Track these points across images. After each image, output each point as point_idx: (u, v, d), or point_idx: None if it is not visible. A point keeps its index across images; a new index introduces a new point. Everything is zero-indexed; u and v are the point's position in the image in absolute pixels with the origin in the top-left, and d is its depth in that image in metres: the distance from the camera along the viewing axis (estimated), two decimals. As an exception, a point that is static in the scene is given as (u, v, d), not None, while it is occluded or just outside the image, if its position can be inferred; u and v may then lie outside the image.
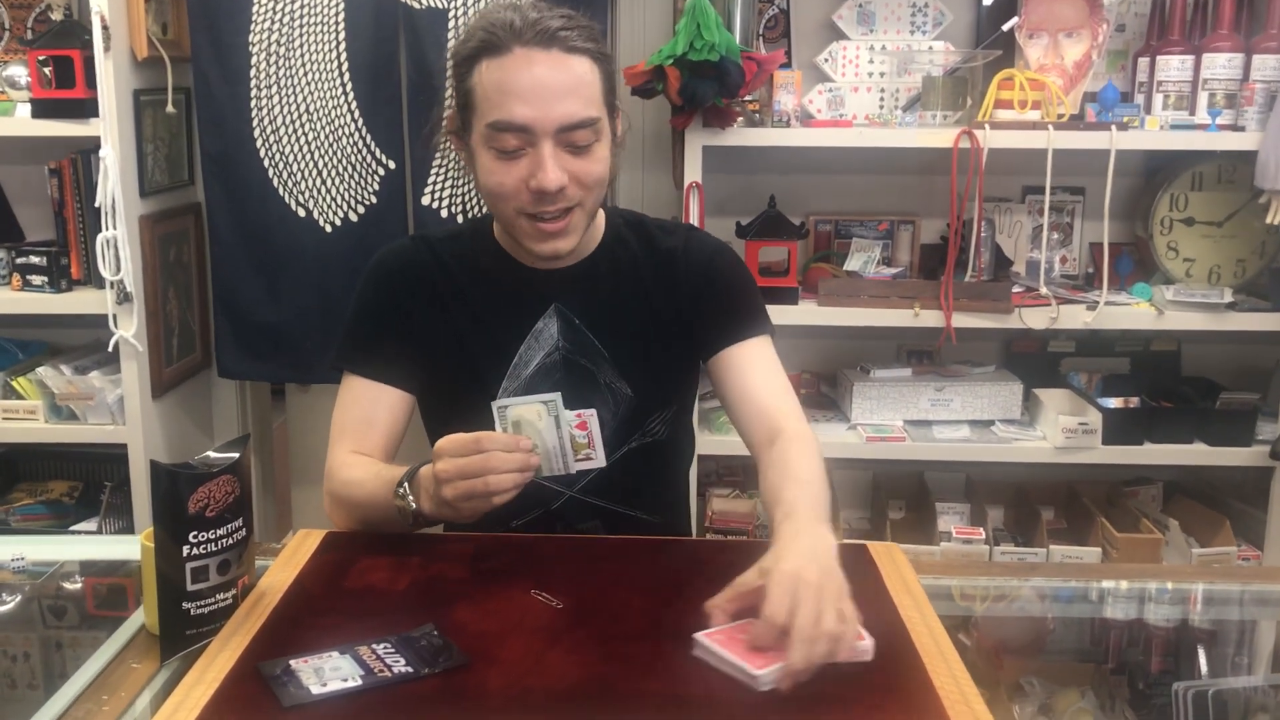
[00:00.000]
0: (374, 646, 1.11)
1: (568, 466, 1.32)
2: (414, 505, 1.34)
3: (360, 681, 1.05)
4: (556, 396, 1.31)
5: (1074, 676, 1.90)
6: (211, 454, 1.25)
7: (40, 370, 2.62)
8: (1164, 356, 2.94)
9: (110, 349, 2.51)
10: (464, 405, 1.53)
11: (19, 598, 1.47)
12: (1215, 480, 2.90)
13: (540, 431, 1.31)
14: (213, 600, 1.20)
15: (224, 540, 1.20)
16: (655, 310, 1.56)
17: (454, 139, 1.50)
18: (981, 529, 2.70)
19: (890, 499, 2.91)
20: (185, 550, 1.17)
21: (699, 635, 1.12)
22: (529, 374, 1.53)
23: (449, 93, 2.41)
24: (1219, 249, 2.75)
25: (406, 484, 1.36)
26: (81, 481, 2.86)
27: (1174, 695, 1.58)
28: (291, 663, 1.08)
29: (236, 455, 1.23)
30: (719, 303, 1.57)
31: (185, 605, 1.19)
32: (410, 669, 1.07)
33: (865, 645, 1.12)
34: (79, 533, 2.69)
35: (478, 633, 1.15)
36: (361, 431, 1.53)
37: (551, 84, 1.37)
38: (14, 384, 2.64)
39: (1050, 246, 2.85)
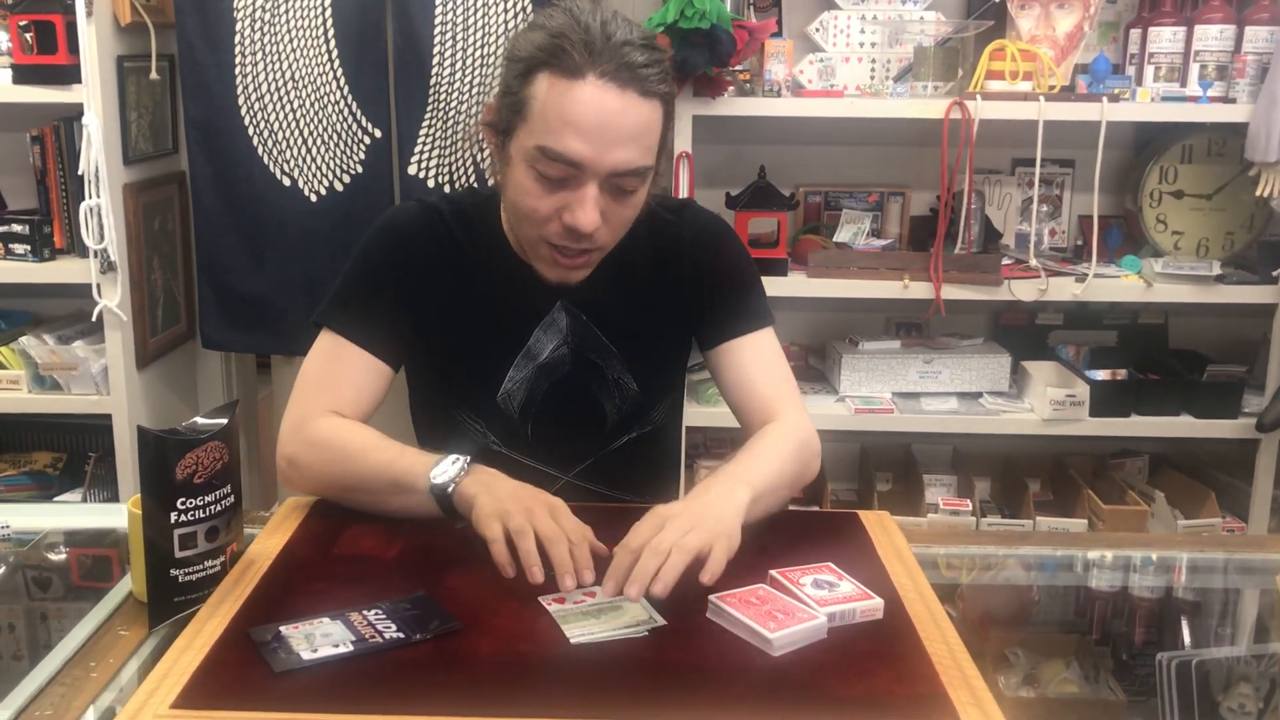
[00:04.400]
0: (365, 612, 1.10)
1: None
2: (462, 475, 1.27)
3: (351, 647, 1.04)
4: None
5: (1058, 647, 1.90)
6: (200, 420, 1.24)
7: (23, 340, 2.59)
8: (1152, 329, 2.95)
9: (94, 319, 2.48)
10: (462, 385, 1.51)
11: (3, 568, 1.45)
12: (1201, 453, 2.91)
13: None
14: (201, 567, 1.19)
15: (212, 507, 1.19)
16: (661, 304, 1.52)
17: (489, 132, 1.40)
18: (968, 500, 2.70)
19: (878, 471, 2.92)
20: (173, 517, 1.16)
21: (713, 597, 1.12)
22: (539, 364, 1.49)
23: (437, 72, 2.40)
24: (1208, 222, 2.75)
25: (466, 461, 1.29)
26: (65, 452, 2.84)
27: (1158, 665, 1.59)
28: (282, 629, 1.07)
29: (225, 421, 1.22)
30: (721, 294, 1.53)
31: (173, 572, 1.18)
32: (402, 635, 1.07)
33: (875, 604, 1.13)
34: (64, 503, 2.67)
35: (470, 599, 1.14)
36: (342, 393, 1.43)
37: (617, 128, 1.28)
38: (-4, 354, 2.61)
39: (1039, 219, 2.85)
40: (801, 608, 1.10)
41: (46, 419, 2.80)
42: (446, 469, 1.28)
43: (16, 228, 2.57)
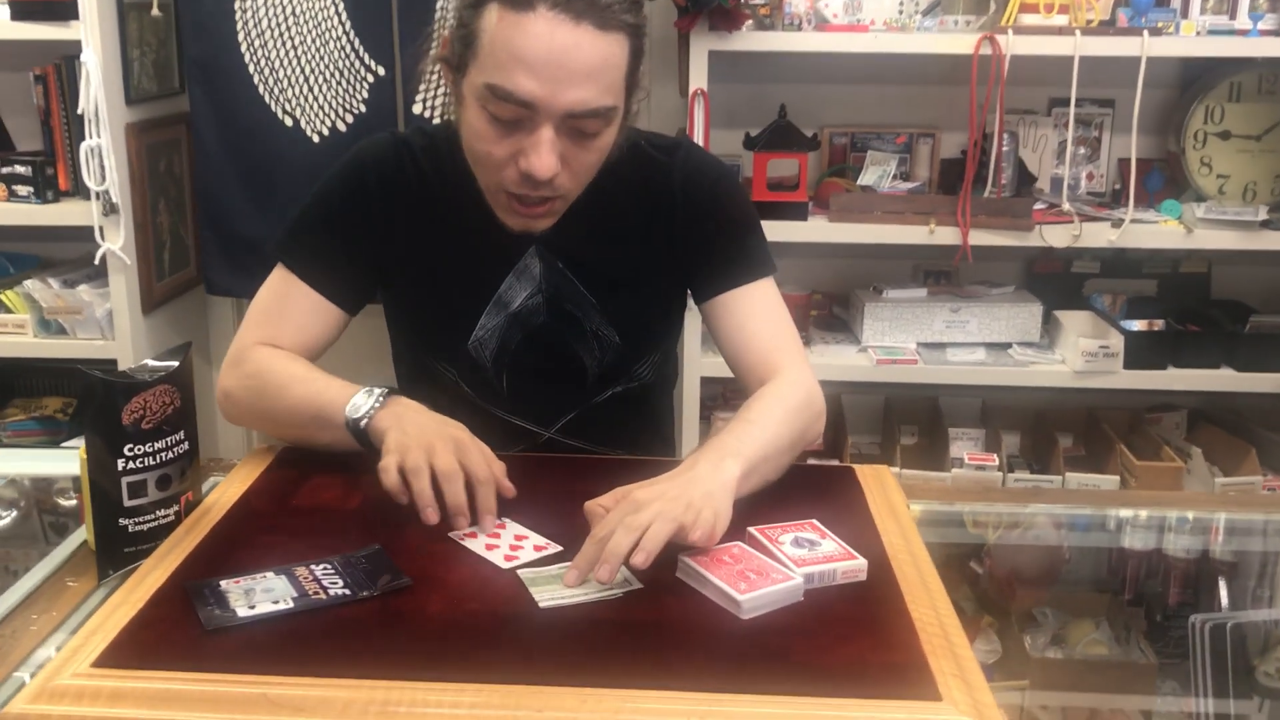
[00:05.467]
0: (313, 567, 1.04)
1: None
2: (376, 408, 1.23)
3: (291, 604, 0.98)
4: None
5: (1088, 607, 1.84)
6: (150, 362, 1.17)
7: (28, 283, 2.56)
8: (1193, 278, 2.81)
9: (97, 262, 2.44)
10: (432, 332, 1.43)
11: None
12: (1242, 407, 2.79)
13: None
14: (152, 517, 1.14)
15: (163, 454, 1.13)
16: (647, 251, 1.42)
17: (445, 68, 1.30)
18: (995, 455, 2.60)
19: (902, 424, 2.82)
20: (120, 464, 1.10)
21: (683, 555, 1.05)
22: (510, 312, 1.41)
23: (443, 6, 2.32)
24: (1255, 164, 2.61)
25: (382, 394, 1.25)
26: (75, 398, 2.81)
27: (1191, 627, 1.53)
28: (221, 583, 1.01)
29: (175, 364, 1.16)
30: (718, 242, 1.42)
31: (122, 521, 1.12)
32: (347, 591, 1.00)
33: (857, 565, 1.05)
34: (69, 448, 2.64)
35: (428, 554, 1.07)
36: (288, 332, 1.38)
37: (571, 64, 1.17)
38: (2, 298, 2.58)
39: (1076, 162, 2.71)
40: (777, 568, 1.02)
41: (55, 364, 2.77)
42: (361, 403, 1.24)
43: (20, 169, 2.53)
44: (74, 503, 1.44)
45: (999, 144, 2.49)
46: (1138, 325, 2.57)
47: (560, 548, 1.10)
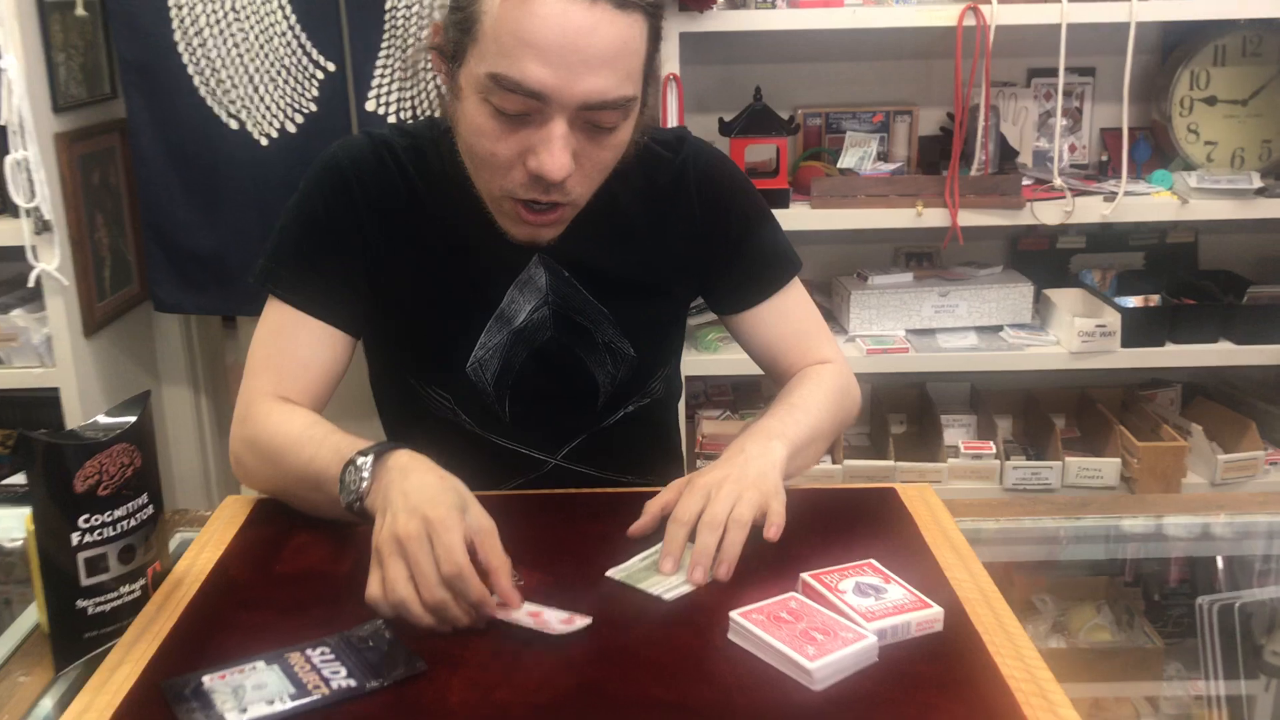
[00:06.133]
0: (308, 652, 0.90)
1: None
2: (364, 485, 1.04)
3: (289, 703, 0.84)
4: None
5: (1087, 591, 1.78)
6: (102, 419, 1.03)
7: (-44, 311, 2.37)
8: (1181, 249, 2.73)
9: (31, 284, 2.26)
10: (424, 355, 1.29)
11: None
12: (1236, 380, 2.72)
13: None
14: (115, 594, 1.00)
15: (124, 522, 0.99)
16: (660, 253, 1.30)
17: (436, 58, 1.16)
18: (991, 442, 2.51)
19: (891, 413, 2.72)
20: (75, 538, 0.96)
21: (735, 614, 0.92)
22: (515, 329, 1.27)
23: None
24: (1243, 130, 2.52)
25: (371, 458, 1.05)
26: (15, 430, 2.62)
27: (1199, 609, 1.47)
28: (204, 680, 0.87)
29: (133, 418, 1.01)
30: (744, 249, 1.32)
31: (80, 603, 0.98)
32: (353, 682, 0.86)
33: (933, 614, 0.93)
34: (11, 487, 2.46)
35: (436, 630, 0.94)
36: (293, 373, 1.23)
37: (587, 48, 1.04)
38: (-72, 326, 2.39)
39: (1057, 135, 2.61)
40: (845, 624, 0.90)
41: (-8, 395, 2.58)
42: (349, 482, 1.05)
43: (-60, 188, 2.33)
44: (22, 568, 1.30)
45: (985, 119, 2.38)
46: (1133, 302, 2.48)
47: (588, 620, 0.94)
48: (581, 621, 0.93)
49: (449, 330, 1.26)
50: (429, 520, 0.95)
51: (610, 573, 1.05)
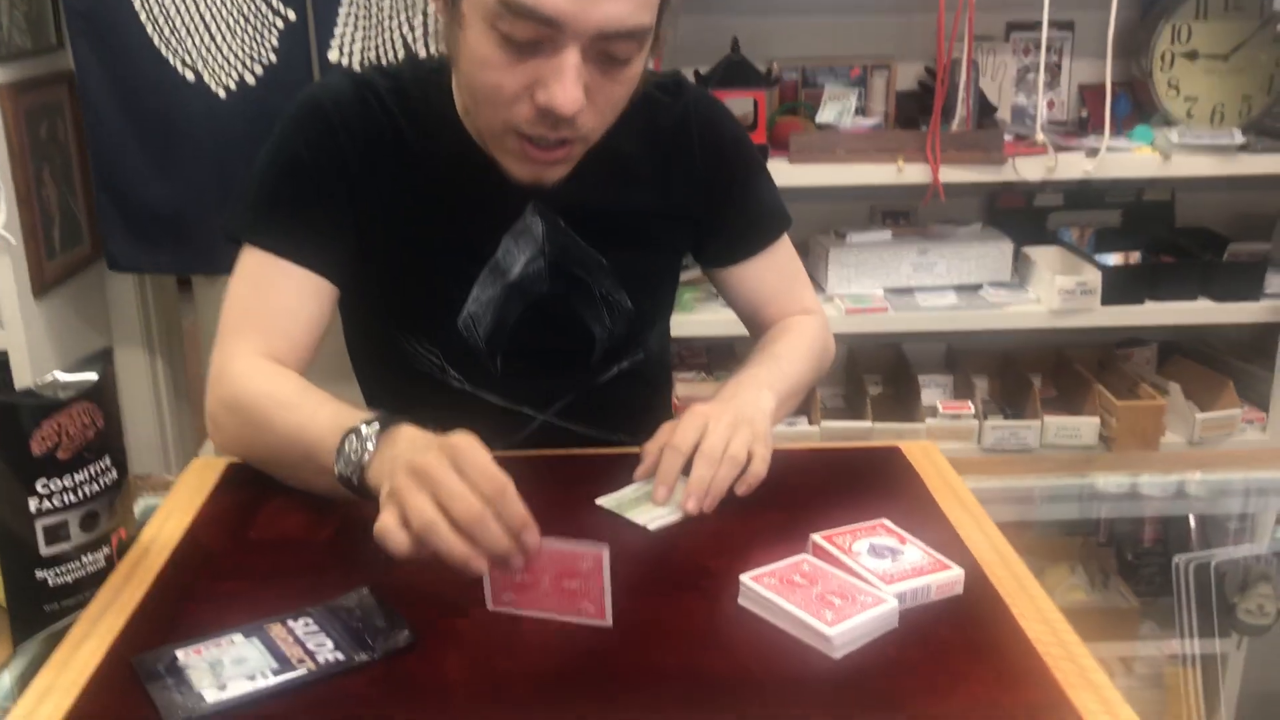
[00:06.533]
0: (290, 624, 0.84)
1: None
2: (367, 456, 0.94)
3: (273, 678, 0.77)
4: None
5: (1061, 552, 1.77)
6: (60, 376, 0.95)
7: (-103, 272, 2.25)
8: (1158, 207, 2.71)
9: (-24, 243, 2.16)
10: (411, 309, 1.21)
11: None
12: (1213, 339, 2.70)
13: None
14: (77, 564, 0.93)
15: (86, 488, 0.92)
16: (659, 202, 1.24)
17: None
18: (969, 402, 2.48)
19: (866, 374, 2.68)
20: (33, 504, 0.89)
21: (745, 578, 0.87)
22: (510, 282, 1.19)
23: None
24: (1224, 85, 2.49)
25: (377, 427, 0.95)
26: (-37, 395, 2.52)
27: (1175, 568, 1.45)
28: (179, 654, 0.80)
29: (95, 377, 0.94)
30: (740, 202, 1.28)
31: (40, 574, 0.91)
32: (339, 655, 0.80)
33: (953, 575, 0.88)
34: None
35: (428, 596, 0.87)
36: (277, 326, 1.13)
37: None
38: None
39: (1035, 90, 2.57)
40: (862, 588, 0.85)
41: (-64, 359, 2.47)
42: (350, 450, 0.95)
43: (-123, 142, 2.21)
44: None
45: (967, 73, 2.33)
46: (1113, 259, 2.45)
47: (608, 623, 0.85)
48: (607, 605, 0.84)
49: (439, 283, 1.19)
50: (448, 445, 0.85)
51: (600, 500, 1.04)
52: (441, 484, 0.83)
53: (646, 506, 1.03)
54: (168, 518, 1.03)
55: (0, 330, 2.24)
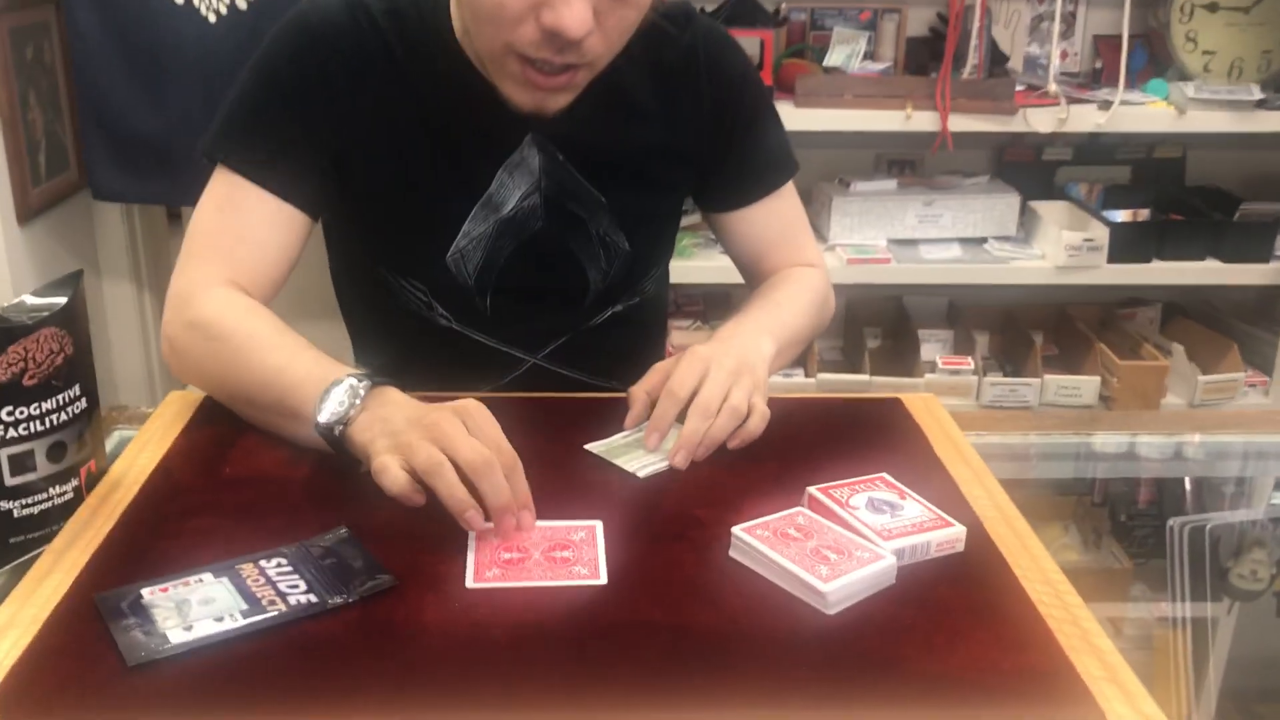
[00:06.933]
0: (262, 564, 0.80)
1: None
2: (353, 412, 0.90)
3: (241, 620, 0.74)
4: None
5: (1054, 511, 1.75)
6: (29, 299, 0.91)
7: (-122, 194, 2.20)
8: (1168, 164, 2.65)
9: (-42, 167, 2.10)
10: (399, 243, 1.16)
11: None
12: (1217, 300, 2.66)
13: None
14: (45, 496, 0.89)
15: (54, 416, 0.88)
16: (663, 139, 1.18)
17: None
18: (969, 358, 2.44)
19: (866, 326, 2.64)
20: (-1, 431, 0.85)
21: (738, 530, 0.83)
22: (502, 217, 1.14)
23: None
24: (1244, 39, 2.43)
25: (368, 383, 0.92)
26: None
27: (1169, 530, 1.44)
28: (144, 593, 0.77)
29: (64, 300, 0.90)
30: (747, 143, 1.22)
31: (5, 505, 0.87)
32: (312, 597, 0.77)
33: (954, 533, 0.85)
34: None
35: (407, 538, 0.84)
36: (244, 254, 1.08)
37: None
38: None
39: (1049, 39, 2.51)
40: (859, 543, 0.82)
41: (-81, 285, 2.42)
42: (336, 400, 0.91)
43: None
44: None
45: (980, 20, 2.27)
46: (1121, 216, 2.41)
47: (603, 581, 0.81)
48: (600, 556, 0.82)
49: (429, 217, 1.14)
50: (460, 407, 0.86)
51: (589, 446, 1.01)
52: (452, 436, 0.83)
53: (638, 453, 0.99)
54: (141, 450, 0.99)
55: (-17, 257, 2.19)
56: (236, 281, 1.07)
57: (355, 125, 1.11)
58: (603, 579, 0.80)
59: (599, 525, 0.85)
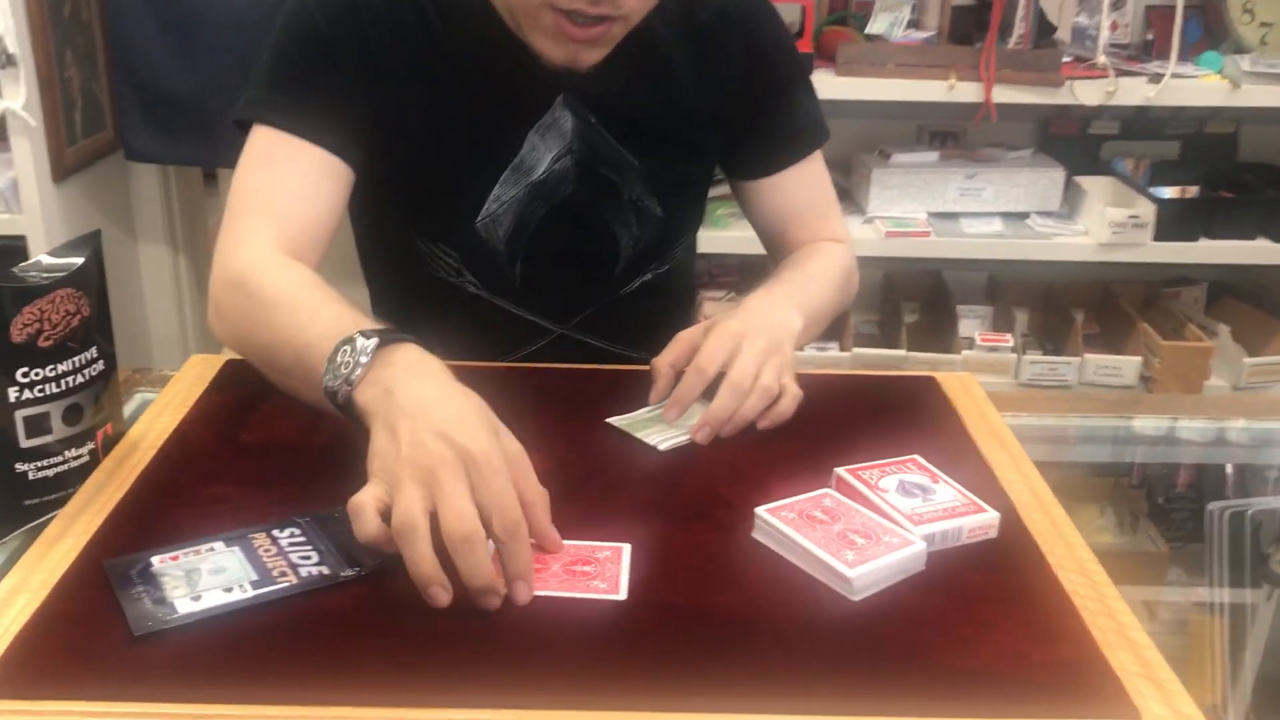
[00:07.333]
0: (275, 534, 0.79)
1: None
2: (358, 372, 0.82)
3: (250, 591, 0.73)
4: None
5: (1090, 492, 1.72)
6: (45, 259, 0.90)
7: (-85, 149, 2.21)
8: (1219, 139, 2.58)
9: (-5, 124, 2.10)
10: (428, 207, 1.14)
11: None
12: (1266, 280, 2.59)
13: None
14: (60, 459, 0.88)
15: (69, 379, 0.87)
16: (696, 101, 1.15)
17: None
18: (1008, 335, 2.40)
19: (904, 300, 2.60)
20: (13, 394, 0.84)
21: (761, 510, 0.81)
22: (534, 181, 1.12)
23: None
24: (1303, 11, 2.35)
25: (376, 341, 0.83)
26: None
27: (1208, 515, 1.39)
28: (154, 561, 0.76)
29: (81, 259, 0.88)
30: (779, 108, 1.19)
31: (20, 467, 0.86)
32: (324, 569, 0.75)
33: (987, 519, 0.82)
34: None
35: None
36: (291, 209, 1.03)
37: None
38: (-114, 166, 2.23)
39: (1099, 10, 2.43)
40: (888, 527, 0.79)
41: (-46, 241, 2.43)
42: (341, 362, 0.83)
43: (-105, 14, 2.15)
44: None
45: (1028, -13, 2.21)
46: (1169, 193, 2.34)
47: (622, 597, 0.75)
48: (623, 574, 0.76)
49: (459, 179, 1.12)
50: (467, 453, 0.73)
51: (611, 420, 0.98)
52: (445, 491, 0.71)
53: (659, 426, 0.97)
54: (160, 414, 0.98)
55: (19, 214, 2.19)
56: (282, 237, 1.03)
57: (388, 85, 1.09)
58: (622, 594, 0.74)
59: (627, 548, 0.78)
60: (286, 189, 1.05)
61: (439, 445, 0.73)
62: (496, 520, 0.71)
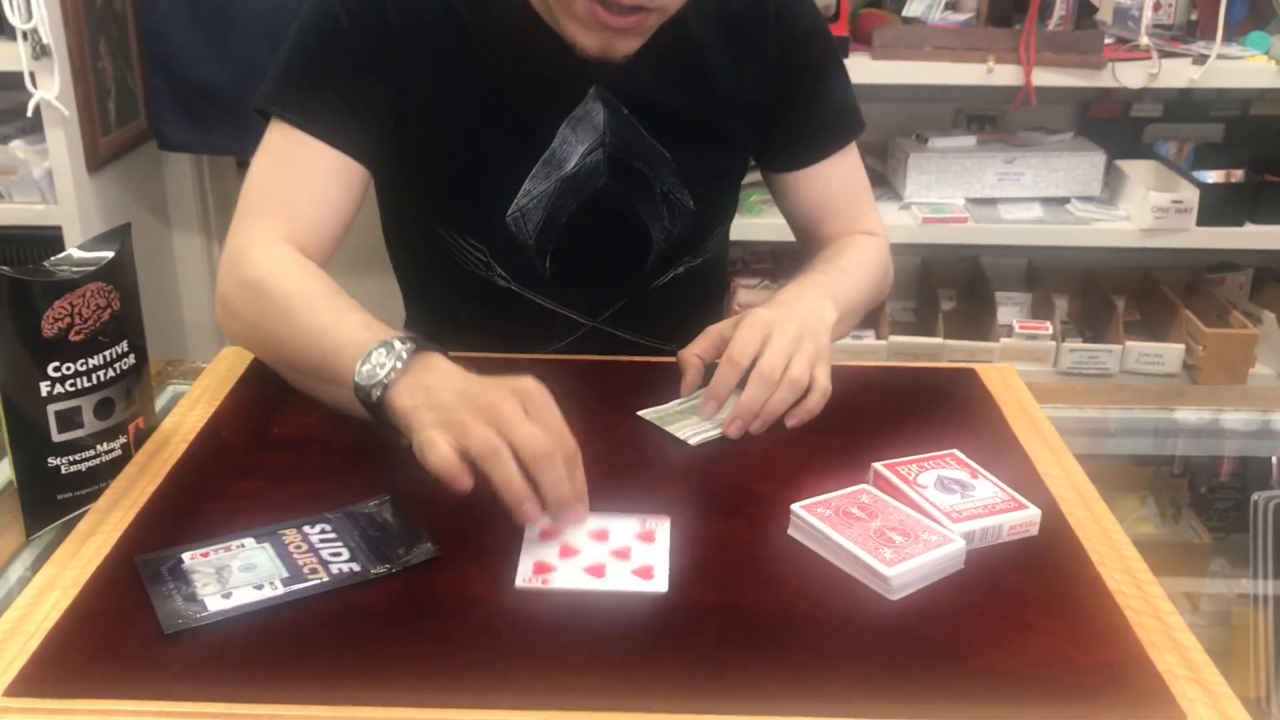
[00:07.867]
0: (305, 530, 0.78)
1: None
2: (395, 375, 0.83)
3: (280, 589, 0.72)
4: None
5: (1131, 481, 1.69)
6: (76, 252, 0.89)
7: (-48, 140, 2.22)
8: (1265, 122, 2.52)
9: (30, 113, 2.11)
10: (458, 200, 1.13)
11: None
12: (1313, 266, 2.54)
13: None
14: (92, 453, 0.88)
15: (101, 373, 0.87)
16: (730, 92, 1.14)
17: None
18: (1048, 323, 2.36)
19: (941, 287, 2.56)
20: (45, 388, 0.84)
21: (797, 507, 0.79)
22: (565, 175, 1.10)
23: None
24: (1353, -11, 2.29)
25: (412, 346, 0.85)
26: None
27: (1253, 505, 1.38)
28: (185, 558, 0.75)
29: (111, 253, 0.88)
30: (814, 99, 1.17)
31: (52, 461, 0.86)
32: (354, 566, 0.75)
33: (1029, 515, 0.80)
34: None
35: (454, 508, 0.80)
36: (302, 210, 1.04)
37: None
38: (-76, 156, 2.25)
39: (1142, -10, 2.39)
40: (926, 524, 0.77)
41: (-7, 231, 2.45)
42: (378, 363, 0.85)
43: (-68, 6, 2.16)
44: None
45: (1069, -33, 2.17)
46: (1213, 177, 2.30)
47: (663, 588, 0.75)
48: (660, 560, 0.76)
49: (489, 174, 1.10)
50: (519, 388, 0.79)
51: (642, 413, 0.98)
52: (511, 419, 0.76)
53: (691, 419, 0.96)
54: (192, 407, 0.98)
55: (54, 205, 2.20)
56: (293, 238, 1.04)
57: (414, 78, 1.07)
58: (664, 585, 0.74)
59: (666, 522, 0.79)
60: (299, 190, 1.06)
61: (489, 390, 0.78)
62: (557, 444, 0.76)
